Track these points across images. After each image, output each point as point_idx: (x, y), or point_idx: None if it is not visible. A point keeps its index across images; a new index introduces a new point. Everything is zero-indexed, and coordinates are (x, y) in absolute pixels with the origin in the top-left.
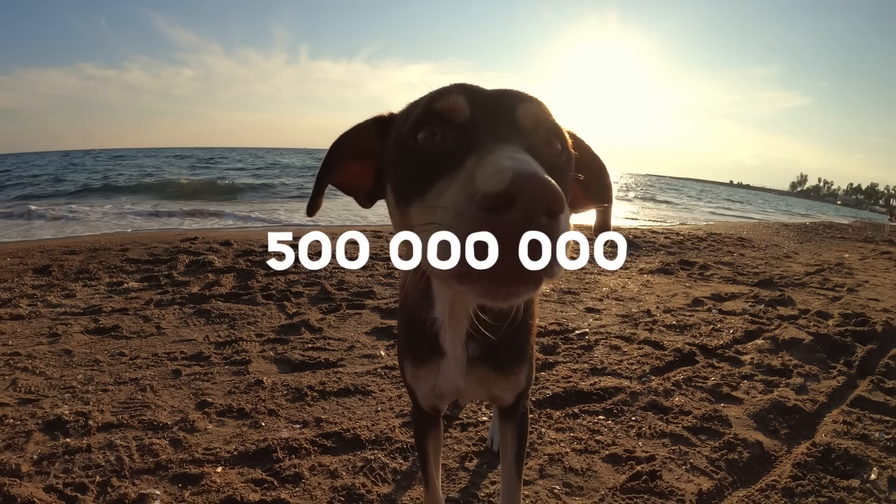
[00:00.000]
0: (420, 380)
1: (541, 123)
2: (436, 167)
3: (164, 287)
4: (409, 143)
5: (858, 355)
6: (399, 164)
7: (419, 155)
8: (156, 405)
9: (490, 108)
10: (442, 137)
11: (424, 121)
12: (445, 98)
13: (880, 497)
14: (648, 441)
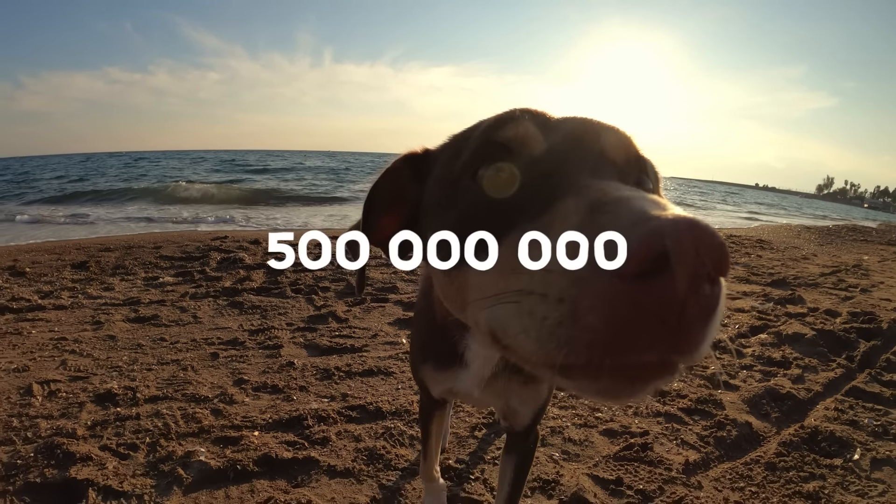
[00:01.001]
0: (436, 382)
1: (631, 157)
2: (509, 215)
3: (197, 281)
4: (464, 183)
5: (861, 350)
6: (450, 212)
7: (481, 200)
8: (197, 382)
9: (570, 138)
10: (511, 175)
11: (486, 154)
12: (513, 125)
13: (861, 475)
14: (644, 419)
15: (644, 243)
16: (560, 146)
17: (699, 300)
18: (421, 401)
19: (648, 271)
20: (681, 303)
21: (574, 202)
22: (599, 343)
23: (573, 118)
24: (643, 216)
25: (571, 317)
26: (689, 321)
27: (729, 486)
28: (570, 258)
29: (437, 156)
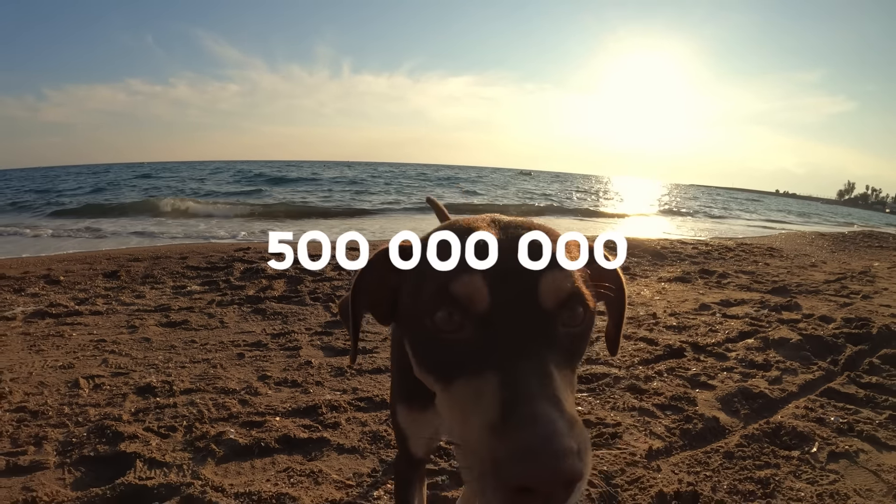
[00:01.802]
0: (419, 425)
1: (563, 300)
2: (455, 360)
3: (223, 290)
4: (425, 320)
5: (846, 354)
6: (416, 335)
7: (437, 339)
8: (225, 377)
9: (511, 291)
10: (460, 325)
11: (440, 303)
12: (464, 282)
13: (815, 466)
14: (619, 412)
15: (522, 477)
16: (500, 304)
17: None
18: (397, 466)
19: (520, 487)
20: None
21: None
22: None
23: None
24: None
25: (482, 487)
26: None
27: (686, 470)
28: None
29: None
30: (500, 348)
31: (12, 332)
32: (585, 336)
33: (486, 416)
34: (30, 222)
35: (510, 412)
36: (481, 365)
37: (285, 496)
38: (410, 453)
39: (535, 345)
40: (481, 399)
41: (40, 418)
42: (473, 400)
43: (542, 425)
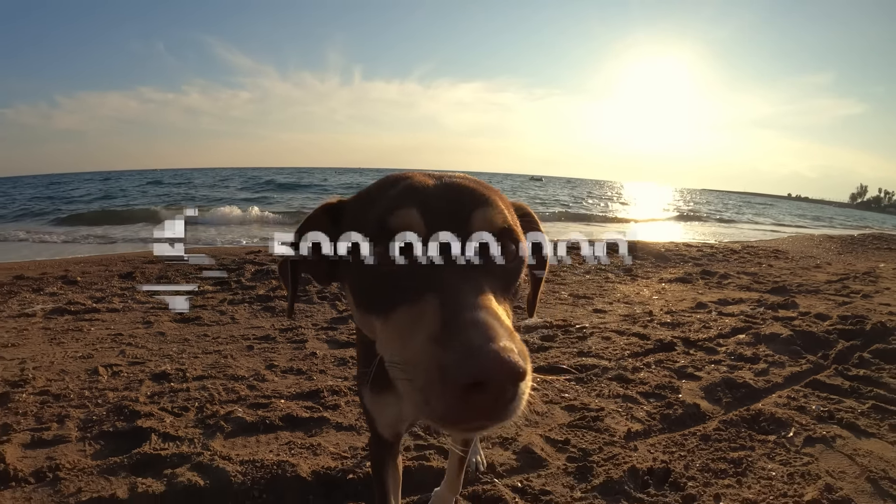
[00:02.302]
0: (384, 407)
1: (495, 231)
2: (394, 290)
3: (234, 290)
4: (364, 255)
5: (837, 349)
6: (356, 273)
7: (376, 271)
8: (235, 366)
9: (445, 222)
10: (391, 257)
11: (379, 236)
12: (400, 213)
13: (790, 449)
14: (604, 399)
15: (470, 373)
16: (434, 231)
17: (502, 398)
18: (370, 448)
19: (470, 385)
20: (491, 401)
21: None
22: (441, 416)
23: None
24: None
25: (426, 402)
26: (496, 409)
27: (661, 450)
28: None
29: (349, 209)
30: (436, 272)
31: (33, 328)
32: (517, 272)
33: (428, 329)
34: (43, 228)
35: (451, 323)
36: (420, 289)
37: (285, 463)
38: (379, 434)
39: (471, 270)
40: (422, 317)
41: (62, 400)
42: (414, 321)
43: (482, 327)
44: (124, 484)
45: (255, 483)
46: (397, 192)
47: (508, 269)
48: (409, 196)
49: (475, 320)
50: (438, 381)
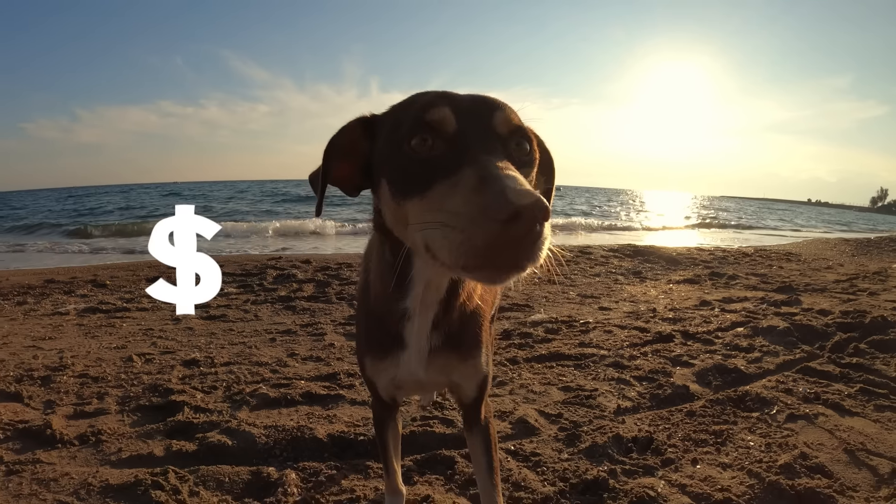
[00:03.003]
0: (380, 372)
1: (512, 129)
2: (432, 171)
3: (257, 292)
4: (403, 147)
5: (833, 340)
6: (395, 165)
7: (415, 159)
8: (259, 354)
9: (472, 119)
10: (433, 145)
11: (417, 130)
12: (435, 110)
13: (772, 424)
14: (599, 382)
15: (508, 205)
16: (465, 125)
17: (534, 234)
18: (373, 409)
19: (509, 219)
20: (524, 236)
21: (471, 171)
22: (482, 255)
23: (476, 98)
24: (510, 191)
25: (468, 241)
26: (528, 244)
27: (647, 423)
28: (467, 207)
29: (383, 121)
30: (469, 152)
31: (68, 324)
32: (530, 166)
33: (468, 186)
34: (66, 239)
35: (487, 178)
36: (455, 166)
37: (304, 428)
38: (379, 396)
39: (497, 151)
40: (459, 182)
41: (100, 382)
42: (452, 187)
43: (513, 179)
44: (160, 445)
45: (276, 443)
46: (430, 97)
47: (524, 160)
48: (442, 99)
49: (507, 174)
50: (481, 218)
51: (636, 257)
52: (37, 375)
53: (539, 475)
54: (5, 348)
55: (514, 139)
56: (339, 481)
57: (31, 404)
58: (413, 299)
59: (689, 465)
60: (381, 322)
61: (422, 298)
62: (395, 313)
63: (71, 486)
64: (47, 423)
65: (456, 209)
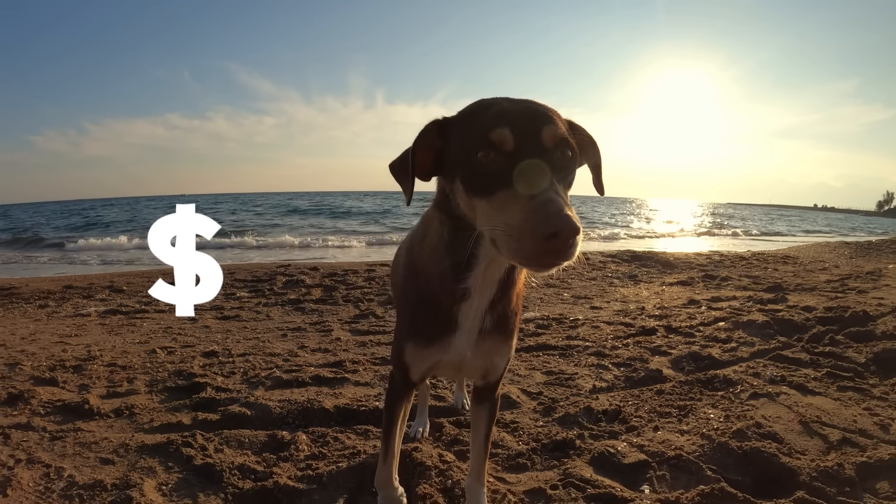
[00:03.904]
0: (424, 358)
1: (557, 141)
2: (495, 180)
3: (267, 296)
4: (472, 158)
5: (811, 333)
6: (467, 169)
7: (481, 169)
8: (272, 347)
9: (526, 136)
10: (495, 159)
11: (483, 146)
12: (497, 132)
13: (734, 401)
14: (580, 368)
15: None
16: (520, 143)
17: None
18: (392, 388)
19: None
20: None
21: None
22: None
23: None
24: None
25: (522, 248)
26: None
27: (619, 399)
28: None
29: (454, 124)
30: (522, 170)
31: (90, 324)
32: (573, 167)
33: (520, 203)
34: (75, 249)
35: (536, 200)
36: (512, 181)
37: (314, 401)
38: (408, 378)
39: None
40: (516, 198)
41: (128, 370)
42: (510, 199)
43: (556, 202)
44: (187, 416)
45: (289, 413)
46: (492, 114)
47: (567, 165)
48: (502, 118)
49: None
50: (530, 235)
51: (633, 262)
52: (68, 365)
53: (515, 437)
54: (34, 344)
55: (558, 150)
56: (343, 441)
57: (66, 387)
58: (475, 278)
59: (651, 431)
60: (433, 304)
61: (483, 277)
62: (452, 293)
63: (110, 447)
64: (84, 400)
65: (514, 221)
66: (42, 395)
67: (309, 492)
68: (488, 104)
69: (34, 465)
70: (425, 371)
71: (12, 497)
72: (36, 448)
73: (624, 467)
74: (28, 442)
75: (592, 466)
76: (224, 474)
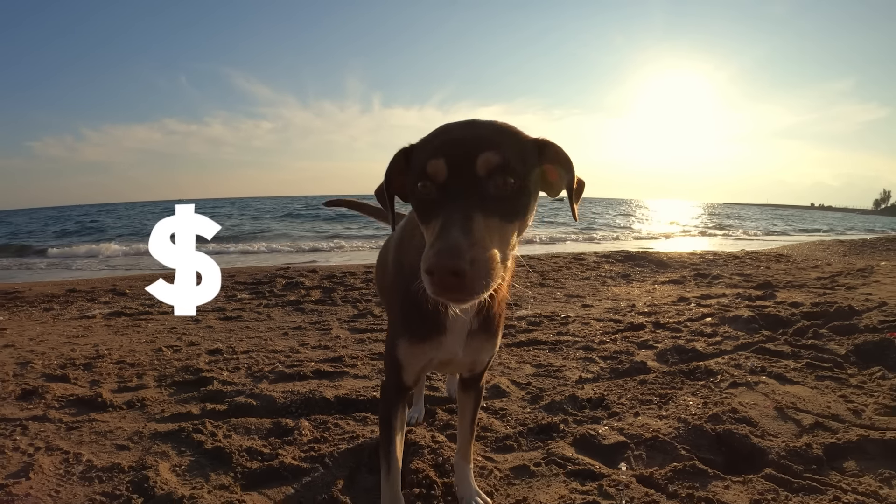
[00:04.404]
0: (417, 356)
1: (491, 169)
2: (429, 209)
3: (268, 297)
4: (415, 187)
5: (796, 327)
6: (414, 196)
7: (420, 198)
8: (274, 345)
9: (459, 167)
10: (429, 190)
11: (421, 177)
12: (432, 163)
13: (713, 388)
14: (568, 360)
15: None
16: (452, 174)
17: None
18: (385, 398)
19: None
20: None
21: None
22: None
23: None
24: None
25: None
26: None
27: (603, 388)
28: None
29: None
30: (446, 203)
31: (96, 325)
32: (515, 199)
33: (431, 237)
34: (77, 252)
35: (439, 236)
36: (438, 212)
37: (315, 391)
38: (402, 381)
39: (468, 200)
40: (434, 230)
41: (137, 367)
42: (431, 232)
43: (448, 240)
44: (196, 406)
45: (292, 403)
46: (435, 143)
47: (506, 196)
48: (441, 148)
49: (448, 235)
50: (424, 272)
51: (627, 262)
52: (78, 363)
53: (503, 422)
54: (43, 344)
55: (493, 178)
56: (343, 427)
57: (78, 383)
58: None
59: (632, 416)
60: (422, 307)
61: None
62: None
63: (125, 435)
64: (97, 394)
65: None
66: (55, 390)
67: (312, 470)
68: (439, 132)
69: (53, 451)
70: (419, 370)
71: (35, 480)
72: (53, 437)
73: (604, 448)
74: (45, 432)
75: (574, 447)
76: (233, 456)
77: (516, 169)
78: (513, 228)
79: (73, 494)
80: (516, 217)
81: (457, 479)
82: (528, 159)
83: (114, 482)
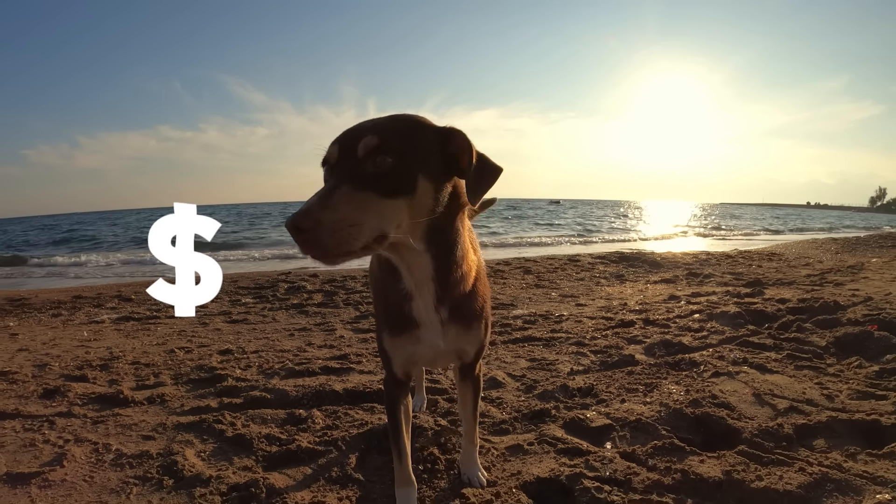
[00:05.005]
0: (398, 348)
1: (368, 151)
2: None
3: (272, 301)
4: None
5: (780, 321)
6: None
7: (325, 179)
8: (281, 345)
9: (346, 152)
10: (328, 173)
11: (324, 161)
12: (329, 149)
13: (696, 378)
14: (560, 355)
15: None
16: (340, 157)
17: (299, 239)
18: (387, 387)
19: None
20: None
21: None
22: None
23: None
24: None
25: None
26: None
27: (592, 379)
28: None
29: None
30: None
31: (106, 330)
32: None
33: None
34: (77, 260)
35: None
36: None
37: (325, 385)
38: (394, 373)
39: (343, 177)
40: None
41: (152, 367)
42: None
43: (305, 204)
44: (214, 401)
45: (304, 395)
46: (338, 136)
47: (382, 173)
48: (338, 138)
49: (312, 200)
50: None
51: (621, 262)
52: (95, 364)
53: (500, 409)
54: (57, 348)
55: (370, 158)
56: (353, 415)
57: (97, 382)
58: (406, 280)
59: (618, 403)
60: (394, 300)
61: (414, 278)
62: (399, 293)
63: (149, 427)
64: (118, 391)
65: None
66: (76, 389)
67: (326, 452)
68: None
69: (83, 443)
70: (405, 361)
71: (69, 468)
72: (81, 430)
73: (591, 430)
74: (73, 426)
75: (564, 429)
76: (253, 442)
77: (396, 149)
78: (397, 204)
79: (107, 479)
80: (398, 193)
81: (462, 459)
82: (418, 144)
83: (144, 467)
